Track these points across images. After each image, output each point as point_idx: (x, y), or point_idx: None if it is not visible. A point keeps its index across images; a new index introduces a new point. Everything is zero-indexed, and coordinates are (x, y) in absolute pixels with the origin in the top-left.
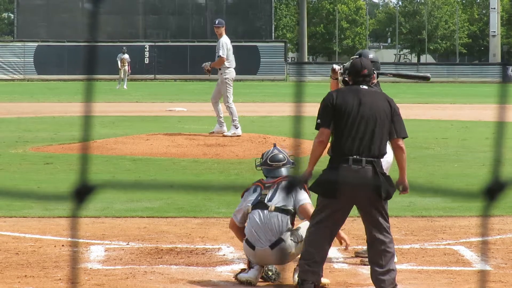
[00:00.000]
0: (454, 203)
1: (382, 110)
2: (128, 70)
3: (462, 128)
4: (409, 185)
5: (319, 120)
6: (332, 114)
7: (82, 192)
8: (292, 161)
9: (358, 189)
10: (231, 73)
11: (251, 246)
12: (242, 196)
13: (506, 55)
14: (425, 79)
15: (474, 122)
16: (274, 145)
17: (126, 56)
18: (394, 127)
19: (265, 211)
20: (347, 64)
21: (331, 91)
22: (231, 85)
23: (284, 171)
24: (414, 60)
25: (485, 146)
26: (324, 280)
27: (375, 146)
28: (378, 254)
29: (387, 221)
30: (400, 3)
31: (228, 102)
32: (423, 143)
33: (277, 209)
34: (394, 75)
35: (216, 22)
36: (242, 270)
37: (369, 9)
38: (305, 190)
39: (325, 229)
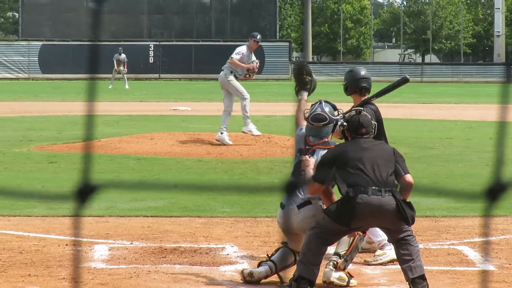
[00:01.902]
0: (458, 203)
1: (384, 152)
2: (125, 69)
3: (466, 128)
4: (413, 185)
5: (315, 174)
6: (329, 168)
7: (85, 192)
8: (335, 118)
9: (380, 219)
10: None
11: (282, 206)
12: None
13: (510, 55)
14: (405, 82)
15: (478, 122)
16: (320, 102)
17: (123, 56)
18: (400, 166)
19: None
20: (348, 116)
21: (329, 149)
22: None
23: (326, 130)
24: (419, 60)
25: (489, 146)
26: (352, 281)
27: (388, 178)
28: (405, 249)
29: (408, 226)
30: (404, 3)
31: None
32: (427, 143)
33: None
34: (378, 96)
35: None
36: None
37: (374, 9)
38: None
39: (325, 237)
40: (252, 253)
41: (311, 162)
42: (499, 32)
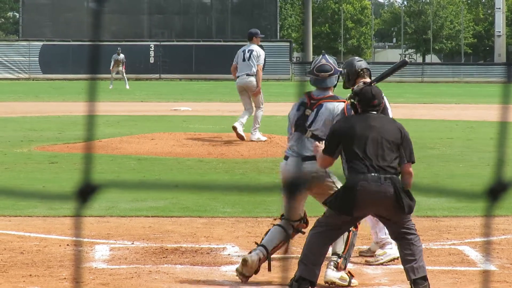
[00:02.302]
0: (459, 203)
1: (392, 133)
2: (123, 69)
3: (467, 128)
4: (414, 185)
5: (325, 147)
6: (337, 142)
7: (85, 192)
8: (340, 69)
9: (379, 206)
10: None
11: (285, 158)
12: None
13: (511, 55)
14: (404, 64)
15: (479, 122)
16: (323, 54)
17: (122, 56)
18: (404, 152)
19: (303, 137)
20: (357, 88)
21: (340, 119)
22: (239, 93)
23: (330, 81)
24: (419, 60)
25: (490, 146)
26: (353, 281)
27: (390, 164)
28: (408, 249)
29: (412, 223)
30: (405, 3)
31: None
32: (428, 143)
33: (314, 136)
34: (378, 80)
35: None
36: None
37: (374, 9)
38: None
39: (328, 234)
40: None
41: (322, 147)
42: (500, 32)
